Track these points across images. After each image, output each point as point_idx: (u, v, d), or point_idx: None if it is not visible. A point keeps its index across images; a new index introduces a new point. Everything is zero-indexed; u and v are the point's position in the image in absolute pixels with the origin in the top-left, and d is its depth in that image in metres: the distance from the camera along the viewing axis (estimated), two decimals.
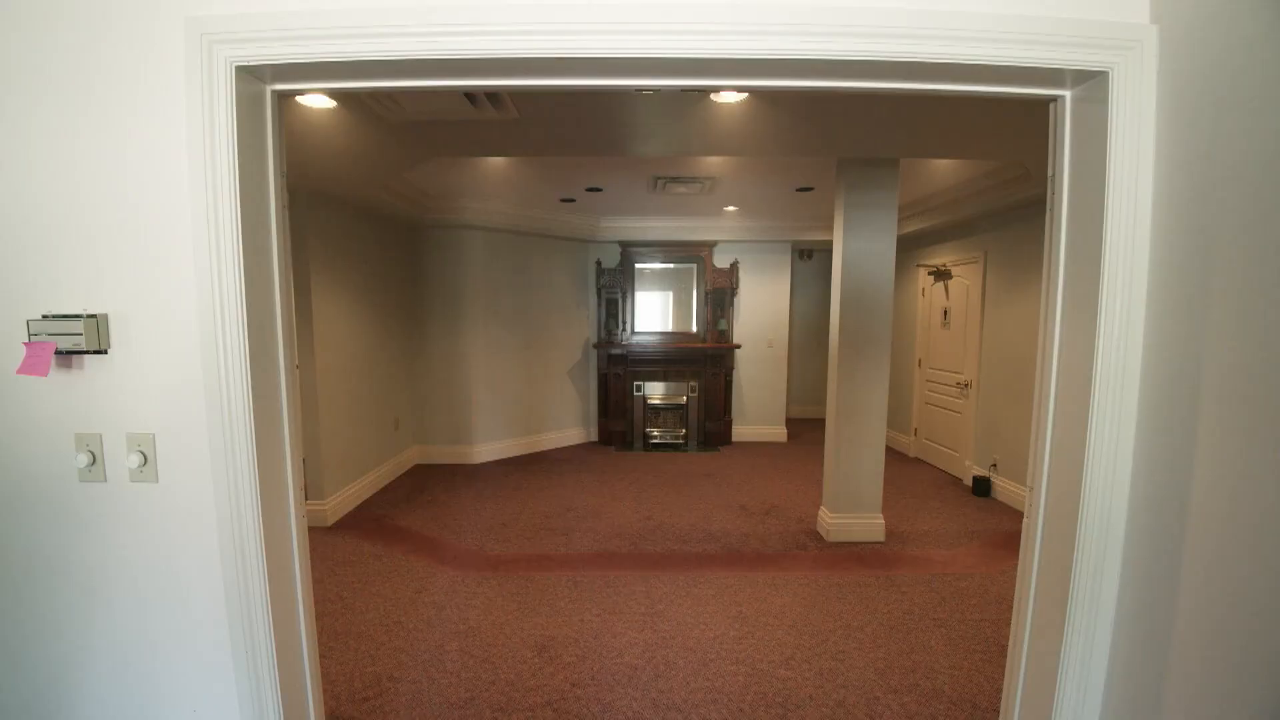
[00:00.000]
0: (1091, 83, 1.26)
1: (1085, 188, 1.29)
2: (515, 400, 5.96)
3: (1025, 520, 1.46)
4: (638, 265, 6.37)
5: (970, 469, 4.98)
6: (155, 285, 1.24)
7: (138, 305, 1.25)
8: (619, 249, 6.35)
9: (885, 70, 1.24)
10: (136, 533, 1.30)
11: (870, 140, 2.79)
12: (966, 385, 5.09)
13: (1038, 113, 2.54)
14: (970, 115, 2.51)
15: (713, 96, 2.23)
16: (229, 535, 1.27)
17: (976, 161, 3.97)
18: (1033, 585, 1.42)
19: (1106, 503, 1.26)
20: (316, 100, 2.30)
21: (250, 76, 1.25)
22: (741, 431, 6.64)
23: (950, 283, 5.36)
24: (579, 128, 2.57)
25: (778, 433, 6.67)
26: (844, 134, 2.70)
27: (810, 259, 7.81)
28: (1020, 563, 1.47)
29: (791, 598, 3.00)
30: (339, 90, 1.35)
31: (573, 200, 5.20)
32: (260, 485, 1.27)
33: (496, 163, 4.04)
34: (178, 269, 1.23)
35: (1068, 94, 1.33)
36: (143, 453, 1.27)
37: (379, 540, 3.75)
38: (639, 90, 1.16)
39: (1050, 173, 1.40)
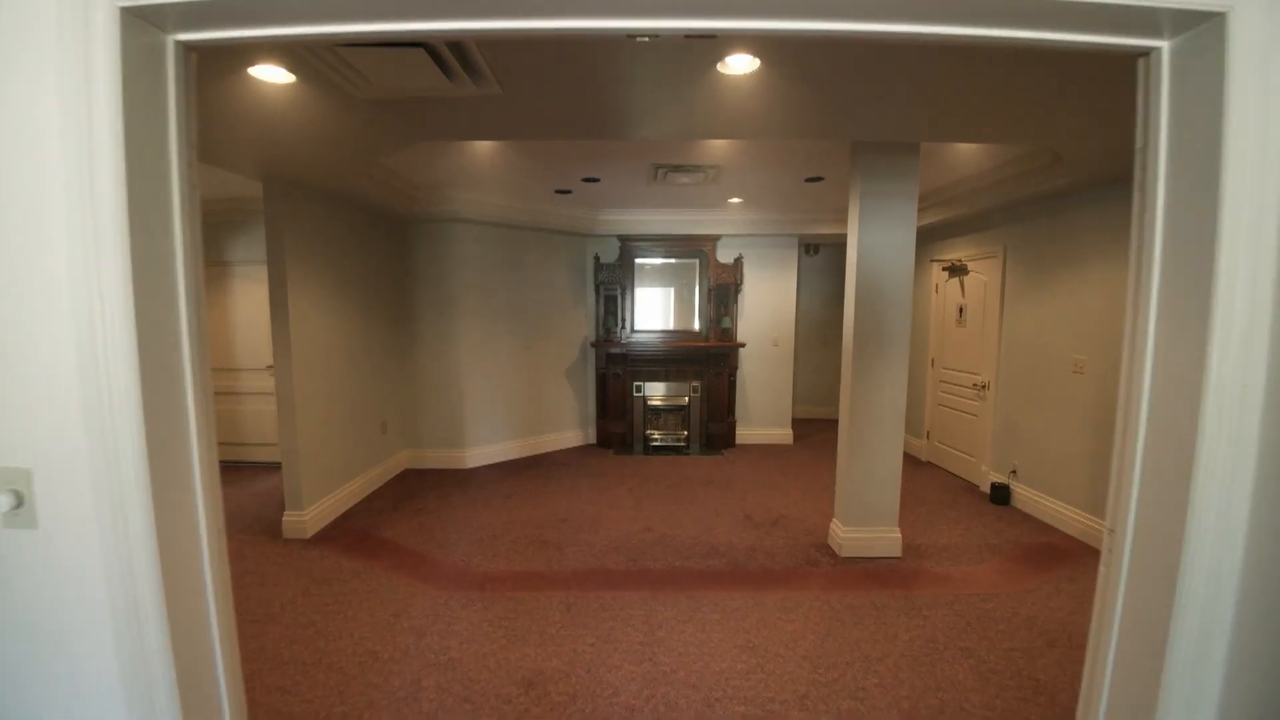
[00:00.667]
0: (1200, 29, 1.00)
1: (1190, 163, 1.03)
2: (510, 401, 5.71)
3: (1102, 569, 1.20)
4: (637, 260, 6.11)
5: (987, 475, 4.72)
6: (26, 286, 0.99)
7: (6, 310, 1.00)
8: (618, 243, 6.08)
9: (939, 8, 0.98)
10: (13, 587, 1.05)
11: (890, 122, 2.53)
12: (983, 387, 4.83)
13: (1072, 93, 2.27)
14: (1000, 95, 2.24)
15: (720, 68, 1.97)
16: (119, 591, 1.02)
17: (997, 150, 3.70)
18: (1112, 651, 1.17)
19: (1217, 556, 1.01)
20: (271, 74, 2.04)
21: (143, 23, 0.99)
22: (745, 434, 6.38)
23: (966, 279, 5.09)
24: (570, 106, 2.30)
25: (783, 434, 6.42)
26: (862, 115, 2.44)
27: (816, 254, 7.54)
28: (1095, 620, 1.21)
29: (804, 623, 2.75)
30: (265, 39, 1.08)
31: (569, 192, 4.94)
32: (158, 528, 1.02)
33: (487, 152, 3.78)
34: (51, 266, 0.98)
35: (1165, 45, 1.07)
36: (17, 492, 1.02)
37: (360, 555, 3.51)
38: (632, 36, 0.90)
39: (1139, 144, 1.13)
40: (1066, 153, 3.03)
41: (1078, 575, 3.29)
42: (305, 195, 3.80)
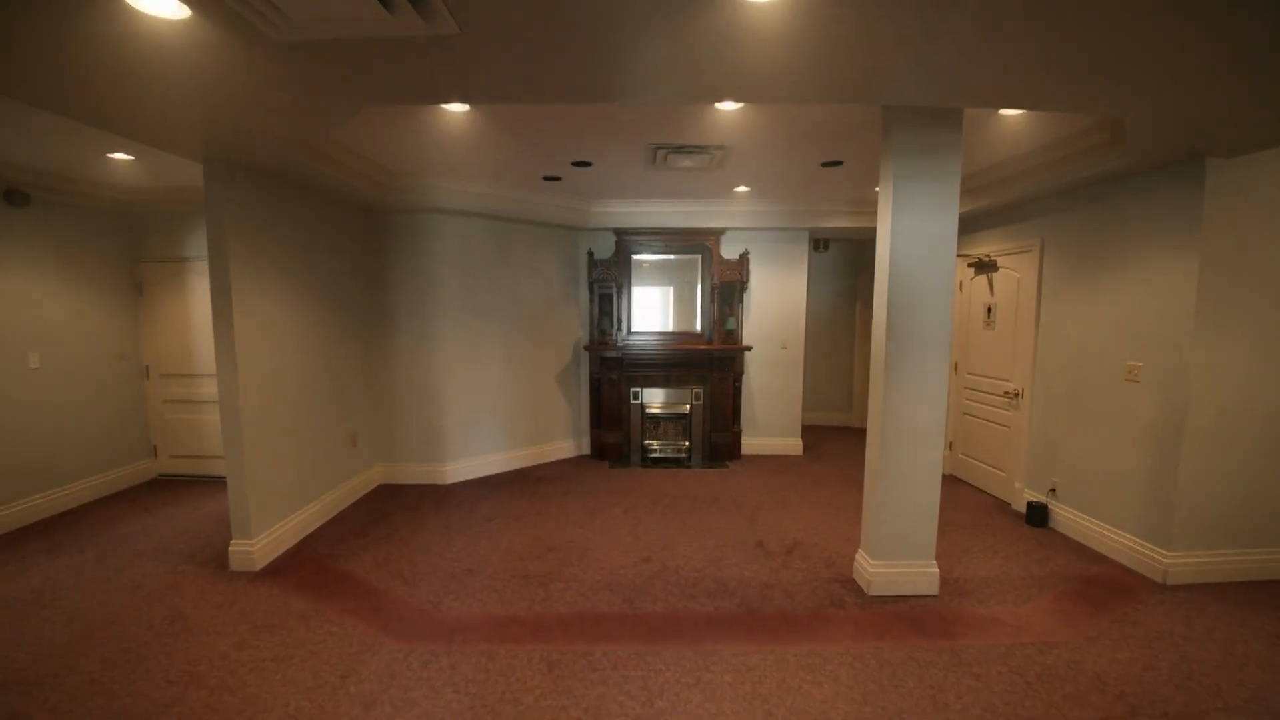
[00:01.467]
0: None
1: None
2: (495, 410, 5.24)
3: None
4: (635, 256, 5.64)
5: (1022, 493, 4.26)
6: None
7: None
8: (613, 237, 5.62)
9: None
10: None
11: (931, 82, 2.08)
12: (1016, 395, 4.37)
13: (1156, 44, 1.81)
14: (1065, 52, 1.79)
15: None
16: None
17: (1039, 130, 3.24)
18: None
19: None
20: (155, 4, 1.57)
21: None
22: (751, 444, 5.92)
23: (995, 275, 4.63)
24: (545, 52, 1.84)
25: (792, 444, 5.96)
26: (898, 73, 1.99)
27: (826, 249, 7.07)
28: None
29: (834, 687, 2.28)
30: None
31: (558, 179, 4.47)
32: None
33: (464, 130, 3.31)
34: None
35: None
36: None
37: (313, 592, 3.03)
38: None
39: None
40: (1136, 124, 2.57)
41: (1141, 616, 2.84)
42: (255, 180, 3.33)
